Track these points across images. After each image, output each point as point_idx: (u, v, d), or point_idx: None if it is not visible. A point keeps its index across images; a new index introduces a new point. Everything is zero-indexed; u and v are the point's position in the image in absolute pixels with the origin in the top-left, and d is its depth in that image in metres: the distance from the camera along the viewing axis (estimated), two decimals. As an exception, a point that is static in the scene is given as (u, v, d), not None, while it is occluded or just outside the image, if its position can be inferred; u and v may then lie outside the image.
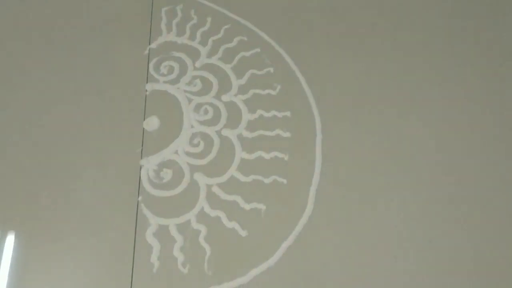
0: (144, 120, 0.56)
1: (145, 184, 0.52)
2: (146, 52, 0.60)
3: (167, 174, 0.52)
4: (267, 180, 0.52)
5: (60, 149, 0.54)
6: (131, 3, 0.64)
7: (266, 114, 0.56)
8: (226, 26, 0.62)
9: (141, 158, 0.53)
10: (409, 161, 0.53)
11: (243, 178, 0.52)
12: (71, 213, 0.50)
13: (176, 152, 0.54)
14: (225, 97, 0.57)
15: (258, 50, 0.61)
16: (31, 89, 0.58)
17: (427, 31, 0.62)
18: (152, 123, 0.55)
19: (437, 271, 0.48)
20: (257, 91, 0.58)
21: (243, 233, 0.49)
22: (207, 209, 0.50)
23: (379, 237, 0.49)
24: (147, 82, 0.58)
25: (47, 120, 0.56)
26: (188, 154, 0.54)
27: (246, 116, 0.56)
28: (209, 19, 0.63)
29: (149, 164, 0.53)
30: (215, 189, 0.51)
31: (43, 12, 0.63)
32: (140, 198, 0.51)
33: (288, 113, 0.56)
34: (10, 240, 0.49)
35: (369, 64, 0.60)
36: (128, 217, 0.50)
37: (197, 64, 0.60)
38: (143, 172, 0.52)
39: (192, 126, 0.55)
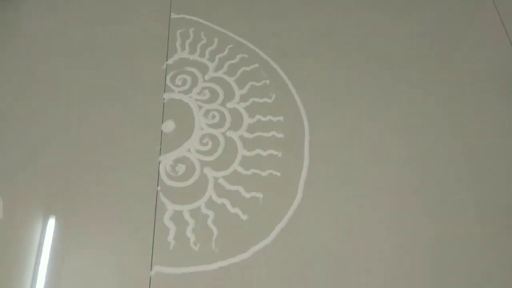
0: (162, 123, 0.59)
1: (163, 176, 0.55)
2: (164, 67, 0.64)
3: (181, 168, 0.56)
4: (264, 173, 0.55)
5: (93, 147, 0.58)
6: (152, 26, 0.68)
7: (263, 119, 0.60)
8: (230, 46, 0.66)
9: (160, 155, 0.57)
10: (388, 157, 0.56)
11: (244, 172, 0.55)
12: (102, 201, 0.54)
13: (189, 150, 0.57)
14: (229, 104, 0.61)
15: (257, 65, 0.65)
16: (71, 98, 0.62)
17: (405, 45, 0.66)
18: (168, 126, 0.59)
19: (420, 255, 0.50)
20: (256, 99, 0.62)
21: (244, 217, 0.52)
22: (215, 197, 0.54)
23: (359, 220, 0.52)
24: (164, 92, 0.62)
25: (84, 123, 0.60)
26: (198, 151, 0.57)
27: (247, 120, 0.60)
28: (216, 40, 0.67)
29: (166, 160, 0.56)
30: (221, 181, 0.55)
31: (82, 33, 0.68)
32: (159, 188, 0.54)
33: (281, 118, 0.60)
34: (51, 224, 0.52)
35: (350, 76, 0.63)
36: (149, 204, 0.53)
37: (206, 77, 0.63)
38: (161, 166, 0.56)
39: (202, 128, 0.59)
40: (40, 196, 0.54)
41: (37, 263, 0.49)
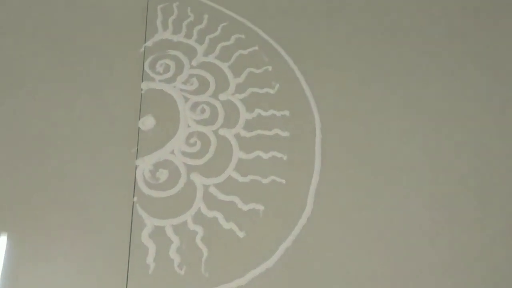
0: (139, 119, 0.55)
1: (141, 184, 0.51)
2: (142, 50, 0.59)
3: (163, 174, 0.52)
4: (265, 181, 0.51)
5: (53, 149, 0.53)
6: (127, 2, 0.62)
7: (264, 113, 0.56)
8: (223, 24, 0.61)
9: (137, 158, 0.52)
10: (410, 161, 0.52)
11: (240, 179, 0.51)
12: (65, 214, 0.49)
13: (172, 152, 0.53)
14: (222, 96, 0.57)
15: (256, 48, 0.60)
16: (25, 88, 0.56)
17: (426, 31, 0.61)
18: (147, 123, 0.54)
19: (439, 269, 0.47)
20: (255, 89, 0.57)
21: (241, 234, 0.48)
22: (204, 210, 0.49)
23: (379, 238, 0.48)
24: (142, 81, 0.57)
25: (40, 119, 0.55)
26: (184, 154, 0.53)
27: (244, 115, 0.56)
28: (206, 17, 0.62)
29: (144, 164, 0.52)
30: (212, 190, 0.51)
31: (39, 9, 0.62)
32: (135, 198, 0.50)
33: (286, 112, 0.56)
34: (3, 241, 0.48)
35: (371, 62, 0.59)
36: (123, 218, 0.49)
37: (194, 63, 0.59)
38: (138, 172, 0.51)
39: (188, 126, 0.55)
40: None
41: None
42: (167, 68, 0.58)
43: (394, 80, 0.59)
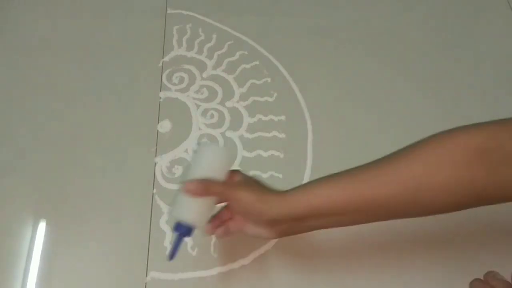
0: (158, 123, 0.60)
1: (159, 178, 0.55)
2: (160, 64, 0.65)
3: (178, 170, 0.56)
4: (265, 175, 0.56)
5: (86, 148, 0.58)
6: (147, 22, 0.69)
7: (264, 118, 0.60)
8: (229, 42, 0.67)
9: (156, 156, 0.57)
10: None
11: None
12: (95, 205, 0.54)
13: (186, 151, 0.58)
14: (229, 103, 0.62)
15: (257, 62, 0.65)
16: (63, 97, 0.62)
17: (412, 40, 0.67)
18: (165, 126, 0.60)
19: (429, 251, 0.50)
20: (256, 98, 0.62)
21: None
22: None
23: (369, 226, 0.51)
24: (160, 91, 0.63)
25: (76, 123, 0.60)
26: None
27: (247, 120, 0.60)
28: (214, 36, 0.68)
29: (162, 161, 0.57)
30: None
31: (74, 28, 0.68)
32: (154, 190, 0.55)
33: (283, 117, 0.60)
34: (42, 229, 0.52)
35: (355, 74, 0.64)
36: (145, 207, 0.54)
37: (204, 75, 0.64)
38: (157, 168, 0.56)
39: (200, 129, 0.60)
40: (30, 200, 0.54)
41: (26, 270, 0.49)
42: (181, 80, 0.64)
43: (376, 87, 0.63)
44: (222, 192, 0.41)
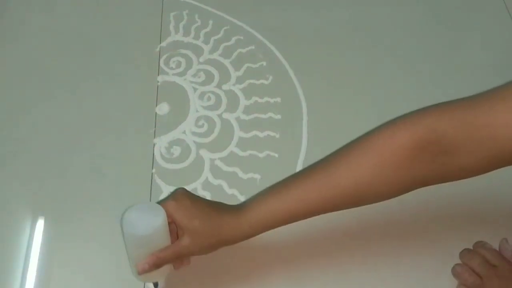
0: (156, 106, 0.61)
1: (158, 159, 0.57)
2: (157, 49, 0.67)
3: (176, 151, 0.58)
4: (261, 155, 0.57)
5: (86, 131, 0.59)
6: (145, 9, 0.71)
7: (260, 100, 0.62)
8: (225, 28, 0.69)
9: (154, 137, 0.59)
10: None
11: (241, 153, 0.57)
12: (96, 184, 0.55)
13: (184, 132, 0.59)
14: (225, 86, 0.63)
15: (253, 47, 0.67)
16: (61, 84, 0.63)
17: (409, 25, 0.68)
18: (163, 108, 0.61)
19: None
20: (252, 81, 0.64)
21: (242, 198, 0.54)
22: (211, 179, 0.55)
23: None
24: (158, 75, 0.64)
25: (76, 107, 0.61)
26: (194, 133, 0.59)
27: (243, 102, 0.62)
28: (210, 22, 0.69)
29: (161, 142, 0.58)
30: (217, 162, 0.57)
31: (70, 16, 0.70)
32: (154, 170, 0.56)
33: (278, 99, 0.62)
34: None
35: (349, 57, 0.66)
36: (144, 186, 0.55)
37: (201, 59, 0.66)
38: (156, 149, 0.58)
39: (197, 111, 0.61)
40: (29, 187, 0.55)
41: (26, 260, 0.49)
42: (179, 64, 0.65)
43: (373, 70, 0.65)
44: (173, 258, 0.41)
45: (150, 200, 0.54)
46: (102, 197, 0.54)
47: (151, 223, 0.39)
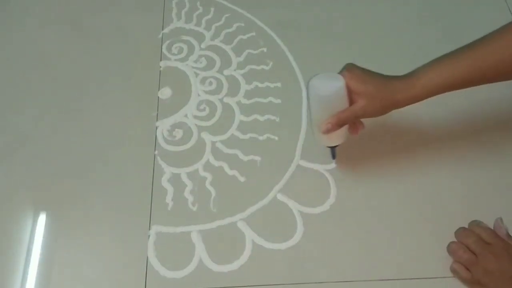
0: (159, 90, 0.62)
1: (160, 141, 0.58)
2: (160, 36, 0.68)
3: (178, 133, 0.59)
4: (261, 138, 0.58)
5: (89, 115, 0.60)
6: None
7: (260, 85, 0.63)
8: (226, 15, 0.70)
9: (157, 120, 0.60)
10: (381, 121, 0.56)
11: (241, 136, 0.58)
12: (100, 165, 0.56)
13: (186, 116, 0.60)
14: (226, 72, 0.64)
15: (254, 34, 0.68)
16: (63, 74, 0.64)
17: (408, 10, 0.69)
18: (165, 93, 0.62)
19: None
20: (253, 66, 0.65)
21: (242, 179, 0.55)
22: (212, 161, 0.56)
23: (355, 179, 0.54)
24: (161, 60, 0.65)
25: (80, 93, 0.62)
26: (195, 117, 0.60)
27: (244, 87, 0.63)
28: (212, 9, 0.70)
29: (163, 125, 0.59)
30: (219, 145, 0.58)
31: (73, 5, 0.71)
32: (156, 152, 0.57)
33: (279, 84, 0.63)
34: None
35: (348, 43, 0.67)
36: (147, 167, 0.56)
37: (203, 46, 0.67)
38: (158, 131, 0.59)
39: (199, 95, 0.62)
40: (32, 174, 0.56)
41: (30, 246, 0.51)
42: (181, 50, 0.66)
43: (373, 55, 0.62)
44: (351, 118, 0.48)
45: (153, 181, 0.55)
46: (105, 178, 0.55)
47: (332, 85, 0.46)
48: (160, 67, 0.64)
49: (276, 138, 0.58)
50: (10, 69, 0.65)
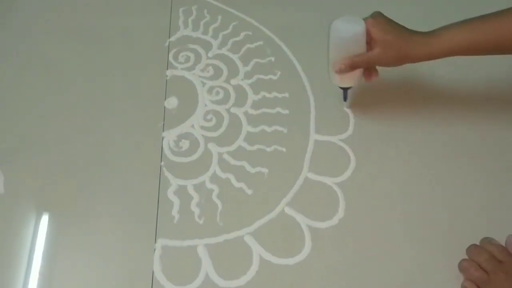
0: (165, 99, 0.62)
1: (167, 152, 0.57)
2: (167, 44, 0.67)
3: (185, 144, 0.58)
4: (269, 149, 0.57)
5: (96, 124, 0.60)
6: (154, 5, 0.72)
7: (268, 95, 0.62)
8: (234, 23, 0.69)
9: (163, 131, 0.59)
10: (392, 133, 0.58)
11: (248, 147, 0.58)
12: (105, 177, 0.55)
13: (192, 126, 0.59)
14: (234, 81, 0.63)
15: (261, 42, 0.67)
16: (70, 79, 0.63)
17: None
18: (172, 102, 0.61)
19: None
20: (261, 76, 0.64)
21: (249, 191, 0.54)
22: (219, 172, 0.55)
23: (366, 192, 0.54)
24: (167, 69, 0.65)
25: (86, 100, 0.62)
26: (202, 127, 0.59)
27: (251, 97, 0.62)
28: (219, 17, 0.70)
29: (169, 135, 0.58)
30: (226, 156, 0.57)
31: (80, 11, 0.71)
32: (162, 163, 0.56)
33: (286, 94, 0.62)
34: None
35: None
36: (153, 179, 0.55)
37: (210, 54, 0.66)
38: (164, 142, 0.58)
39: (205, 105, 0.61)
40: (36, 181, 0.55)
41: (32, 248, 0.50)
42: (187, 59, 0.65)
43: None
44: (365, 63, 0.51)
45: (159, 194, 0.54)
46: (110, 190, 0.54)
47: (352, 28, 0.49)
48: (167, 76, 0.64)
49: (284, 149, 0.57)
50: (17, 75, 0.64)
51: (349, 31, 0.49)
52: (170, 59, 0.65)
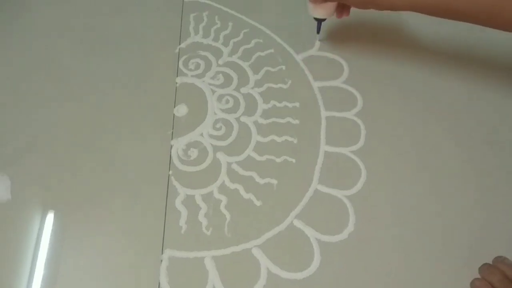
0: (174, 107, 0.61)
1: (175, 160, 0.56)
2: (177, 51, 0.66)
3: (193, 153, 0.57)
4: (278, 160, 0.56)
5: (103, 132, 0.59)
6: (165, 10, 0.71)
7: (278, 104, 0.61)
8: (245, 30, 0.68)
9: (172, 139, 0.58)
10: (405, 144, 0.57)
11: (258, 158, 0.57)
12: (112, 185, 0.55)
13: (202, 135, 0.59)
14: (244, 90, 0.62)
15: (272, 50, 0.66)
16: (80, 83, 0.63)
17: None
18: (181, 110, 0.61)
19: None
20: (271, 85, 0.63)
21: (258, 203, 0.53)
22: (227, 183, 0.55)
23: (374, 204, 0.53)
24: (177, 76, 0.64)
25: (95, 107, 0.61)
26: (211, 136, 0.58)
27: (261, 106, 0.61)
28: (230, 24, 0.69)
29: (178, 144, 0.58)
30: (234, 166, 0.56)
31: (91, 16, 0.71)
32: (170, 172, 0.55)
33: (297, 104, 0.61)
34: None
35: (367, 61, 0.65)
36: (161, 188, 0.54)
37: (220, 62, 0.65)
38: (173, 151, 0.57)
39: (215, 113, 0.61)
40: (42, 186, 0.55)
41: (36, 249, 0.50)
42: (197, 66, 0.65)
43: (394, 77, 0.63)
44: None
45: (167, 203, 0.53)
46: (117, 198, 0.54)
47: None
48: (177, 83, 0.63)
49: (294, 160, 0.56)
50: (25, 79, 0.64)
51: None
52: (180, 66, 0.64)
